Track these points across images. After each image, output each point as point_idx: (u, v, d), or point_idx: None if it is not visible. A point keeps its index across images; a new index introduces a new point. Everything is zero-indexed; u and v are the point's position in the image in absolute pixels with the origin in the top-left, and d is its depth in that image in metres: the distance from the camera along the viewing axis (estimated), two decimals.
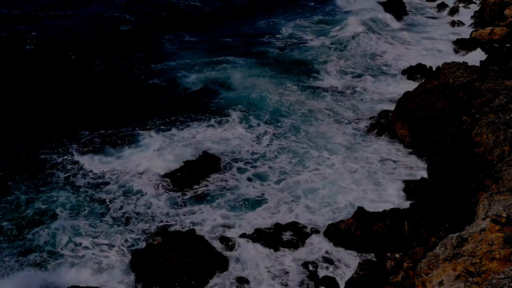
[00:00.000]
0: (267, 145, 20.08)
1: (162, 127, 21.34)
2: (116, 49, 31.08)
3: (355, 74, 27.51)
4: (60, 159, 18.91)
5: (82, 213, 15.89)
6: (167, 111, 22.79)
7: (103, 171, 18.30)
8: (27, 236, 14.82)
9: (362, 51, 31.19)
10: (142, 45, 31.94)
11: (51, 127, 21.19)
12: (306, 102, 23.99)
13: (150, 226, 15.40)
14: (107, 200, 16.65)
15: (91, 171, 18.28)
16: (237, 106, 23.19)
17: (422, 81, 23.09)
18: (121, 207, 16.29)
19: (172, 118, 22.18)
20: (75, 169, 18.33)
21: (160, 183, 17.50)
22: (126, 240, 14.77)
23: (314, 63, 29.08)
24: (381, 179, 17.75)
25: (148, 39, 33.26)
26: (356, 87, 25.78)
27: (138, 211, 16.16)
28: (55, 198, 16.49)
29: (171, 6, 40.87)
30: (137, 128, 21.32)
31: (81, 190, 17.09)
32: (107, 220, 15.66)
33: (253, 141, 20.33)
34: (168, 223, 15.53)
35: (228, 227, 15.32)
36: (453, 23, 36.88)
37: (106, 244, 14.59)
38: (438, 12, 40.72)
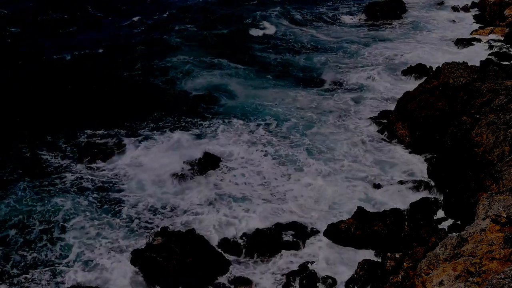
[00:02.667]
0: (268, 146, 20.14)
1: (163, 129, 21.36)
2: (117, 48, 31.09)
3: (360, 74, 27.44)
4: (61, 161, 18.94)
5: (85, 216, 15.87)
6: (169, 114, 22.68)
7: (103, 172, 18.34)
8: (33, 245, 14.74)
9: (366, 51, 31.12)
10: (144, 43, 31.90)
11: (53, 128, 21.20)
12: (305, 104, 24.05)
13: (151, 226, 15.42)
14: (107, 202, 16.70)
15: (92, 172, 18.32)
16: (238, 110, 23.16)
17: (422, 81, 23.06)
18: (121, 208, 16.31)
19: (174, 120, 22.15)
20: (77, 171, 18.34)
21: (160, 183, 17.51)
22: (127, 241, 14.81)
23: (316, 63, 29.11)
24: (380, 179, 17.73)
25: (151, 37, 33.20)
26: (360, 86, 25.75)
27: (139, 211, 16.17)
28: (59, 203, 16.45)
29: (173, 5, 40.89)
30: (138, 129, 21.36)
31: (84, 192, 17.11)
32: (107, 221, 15.69)
33: (252, 143, 20.36)
34: (168, 223, 15.53)
35: (229, 227, 15.32)
36: (453, 23, 36.84)
37: (106, 245, 14.64)
38: (438, 12, 40.69)
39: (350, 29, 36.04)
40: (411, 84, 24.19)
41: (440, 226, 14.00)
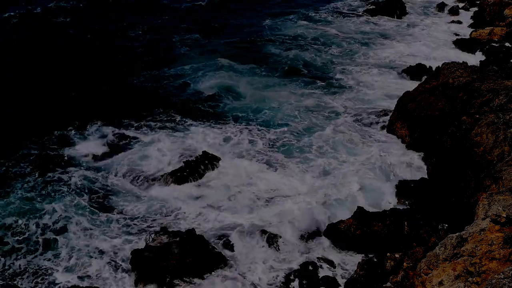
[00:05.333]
0: (270, 148, 20.16)
1: (166, 129, 21.36)
2: (125, 51, 31.10)
3: (359, 73, 27.41)
4: (62, 160, 18.99)
5: (84, 216, 15.88)
6: (173, 114, 22.68)
7: (103, 171, 18.38)
8: (28, 245, 14.74)
9: (365, 51, 31.11)
10: (150, 47, 31.90)
11: (56, 126, 21.27)
12: (307, 104, 24.07)
13: (150, 226, 15.43)
14: (106, 201, 16.73)
15: (93, 170, 18.36)
16: (242, 112, 23.13)
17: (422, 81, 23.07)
18: (122, 208, 16.32)
19: (176, 121, 22.15)
20: (79, 170, 18.35)
21: (161, 183, 17.52)
22: (126, 241, 14.82)
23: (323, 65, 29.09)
24: (380, 179, 17.73)
25: (156, 41, 33.18)
26: (360, 86, 25.73)
27: (139, 211, 16.18)
28: (58, 201, 16.47)
29: (178, 9, 40.86)
30: (140, 129, 21.40)
31: (84, 191, 17.11)
32: (105, 221, 15.71)
33: (252, 144, 20.38)
34: (168, 223, 15.53)
35: (228, 227, 15.33)
36: (452, 23, 36.86)
37: (105, 245, 14.66)
38: (437, 12, 40.71)
39: (349, 29, 36.03)
40: (411, 84, 24.21)
41: (440, 226, 13.99)
